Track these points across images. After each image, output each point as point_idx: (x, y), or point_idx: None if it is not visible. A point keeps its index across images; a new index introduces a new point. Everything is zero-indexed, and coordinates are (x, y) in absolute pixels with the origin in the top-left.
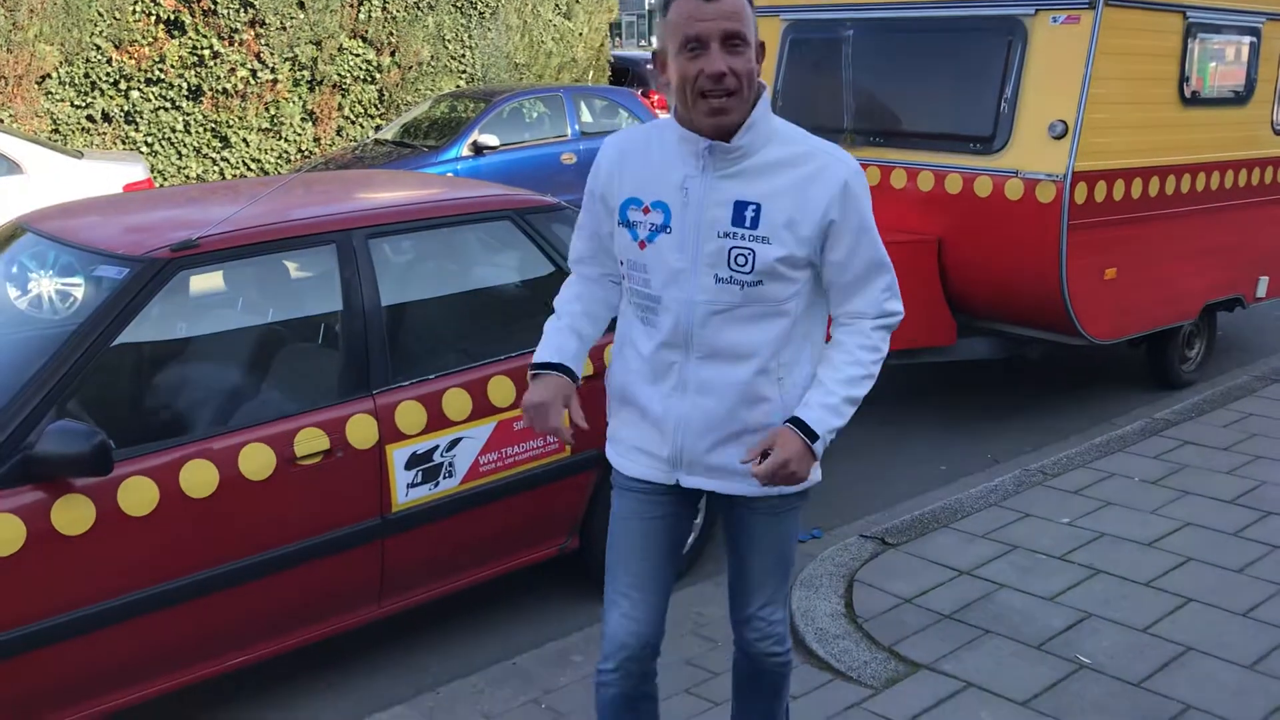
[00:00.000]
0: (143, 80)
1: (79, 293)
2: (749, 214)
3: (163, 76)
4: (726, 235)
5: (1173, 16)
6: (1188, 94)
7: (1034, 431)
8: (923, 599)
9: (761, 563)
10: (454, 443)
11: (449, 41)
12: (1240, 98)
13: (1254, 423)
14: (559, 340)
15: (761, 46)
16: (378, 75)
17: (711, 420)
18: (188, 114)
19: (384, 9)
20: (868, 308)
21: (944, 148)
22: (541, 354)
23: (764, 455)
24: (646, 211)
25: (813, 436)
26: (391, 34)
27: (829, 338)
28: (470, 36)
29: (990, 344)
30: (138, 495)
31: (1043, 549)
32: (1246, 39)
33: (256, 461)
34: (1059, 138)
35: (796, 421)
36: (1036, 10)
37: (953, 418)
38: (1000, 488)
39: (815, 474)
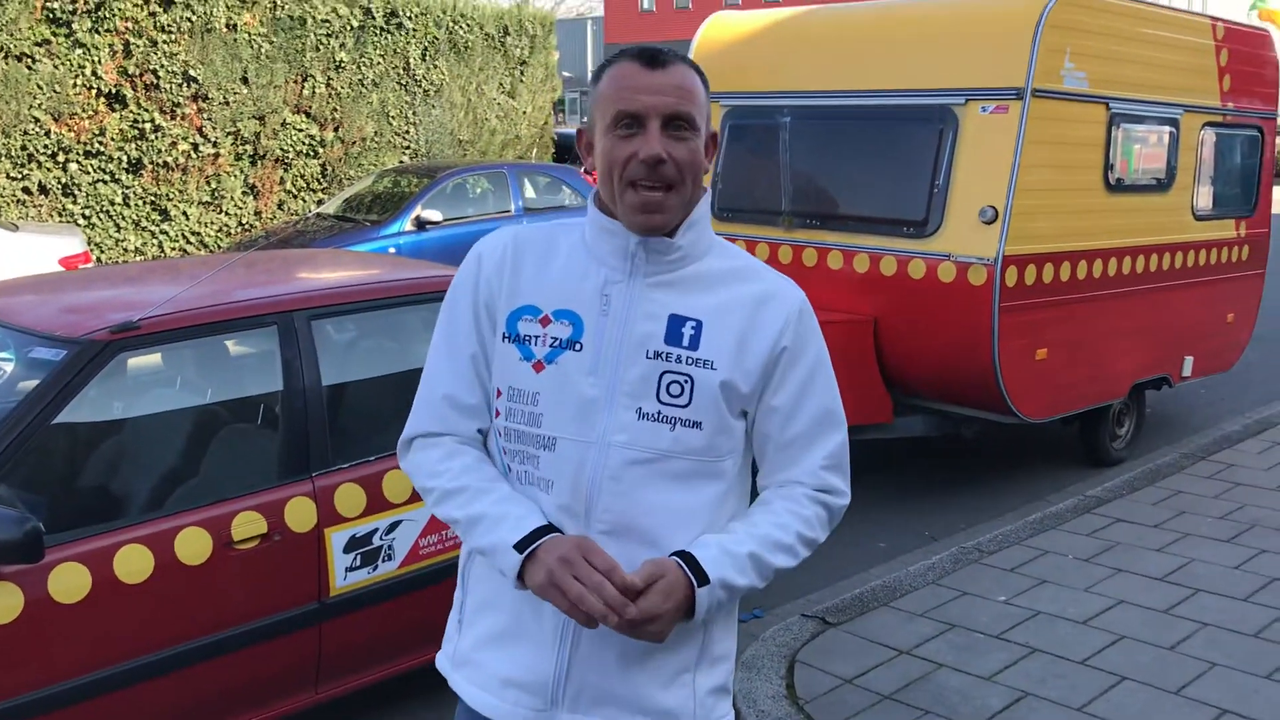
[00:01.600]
0: (81, 153)
1: (9, 367)
2: (687, 331)
3: (102, 149)
4: (658, 356)
5: (1097, 107)
6: (1112, 181)
7: (970, 508)
8: (863, 679)
9: None
10: (394, 525)
11: (393, 118)
12: (1162, 185)
13: (1182, 500)
14: (521, 504)
15: (713, 138)
16: (321, 150)
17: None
18: (127, 187)
19: (328, 85)
20: (807, 478)
21: (879, 231)
22: (520, 525)
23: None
24: (546, 323)
25: (701, 578)
26: (335, 110)
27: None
28: (414, 113)
29: (926, 422)
30: (69, 582)
31: (980, 627)
32: (1166, 129)
33: (193, 546)
34: (989, 223)
35: (686, 558)
36: (967, 100)
37: (892, 495)
38: (938, 565)
39: (724, 717)
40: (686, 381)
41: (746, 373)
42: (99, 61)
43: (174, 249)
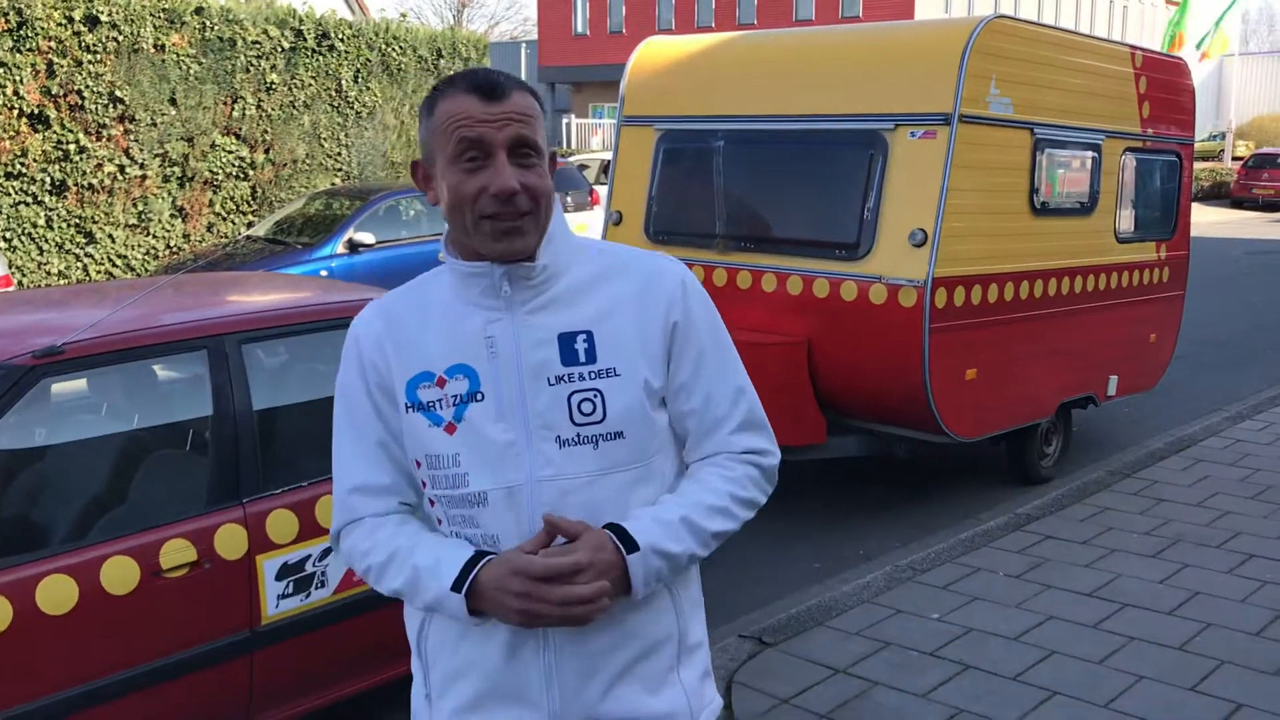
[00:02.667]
0: (2, 174)
1: None
2: (580, 346)
3: (24, 170)
4: (561, 380)
5: (1021, 132)
6: (1038, 204)
7: (904, 526)
8: (800, 699)
9: None
10: (327, 552)
11: (324, 140)
12: (1085, 208)
13: (1109, 517)
14: (446, 546)
15: (553, 157)
16: (251, 172)
17: (596, 652)
18: (50, 209)
19: (258, 107)
20: (729, 445)
21: (812, 254)
22: (451, 566)
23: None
24: (443, 383)
25: (630, 545)
26: (266, 131)
27: None
28: (346, 135)
29: (860, 442)
30: None
31: (914, 645)
32: (1089, 154)
33: (120, 575)
34: (919, 245)
35: (614, 529)
36: (896, 126)
37: (826, 515)
38: (873, 584)
39: (716, 699)
40: (596, 396)
41: (653, 364)
42: (20, 81)
43: (99, 273)
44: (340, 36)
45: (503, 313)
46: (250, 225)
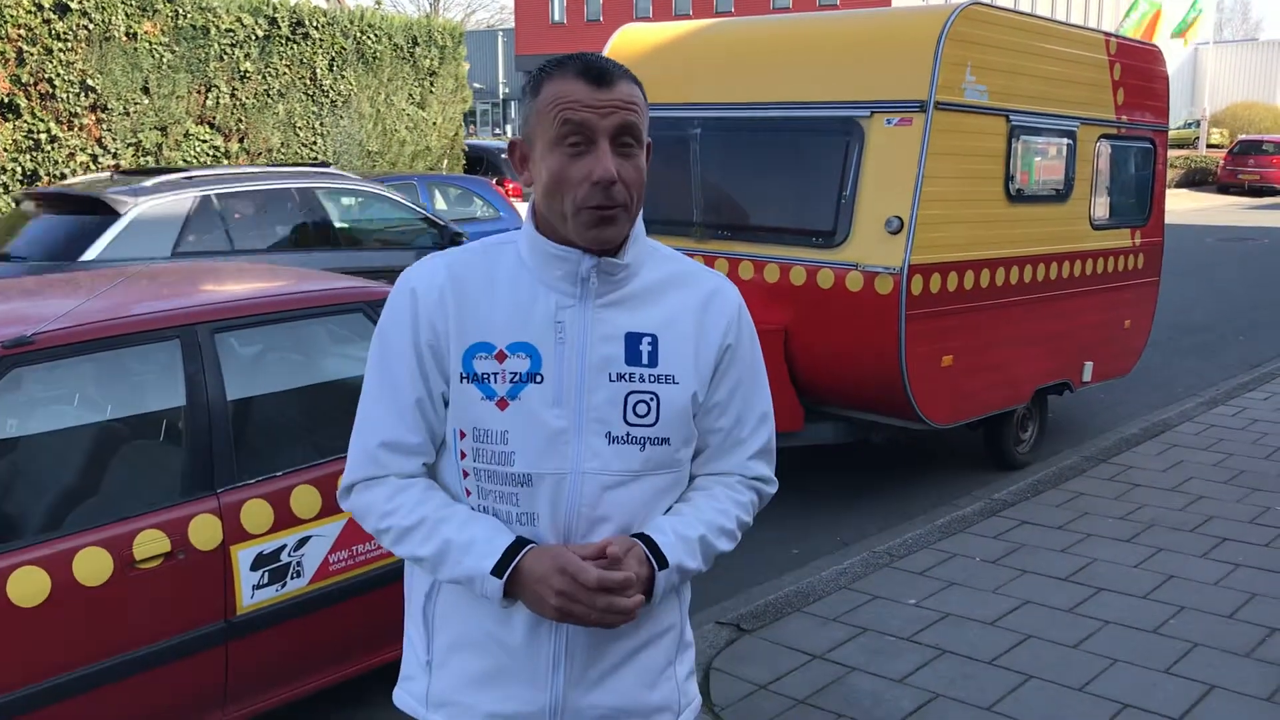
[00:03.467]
0: None
1: None
2: (645, 349)
3: None
4: (621, 378)
5: (997, 119)
6: (1013, 191)
7: (881, 513)
8: (777, 684)
9: None
10: (302, 541)
11: (300, 129)
12: (1060, 195)
13: (1084, 502)
14: (483, 524)
15: (649, 147)
16: (225, 161)
17: (604, 639)
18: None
19: (232, 96)
20: (743, 469)
21: (788, 241)
22: (490, 548)
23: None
24: (502, 358)
25: (662, 562)
26: (240, 120)
27: None
28: (322, 124)
29: (836, 429)
30: None
31: (891, 630)
32: (1064, 141)
33: (92, 566)
34: (895, 233)
35: (645, 541)
36: (872, 113)
37: (803, 501)
38: (850, 570)
39: (697, 698)
40: (652, 399)
41: (702, 380)
42: None
43: None
44: (314, 24)
45: (576, 301)
46: None
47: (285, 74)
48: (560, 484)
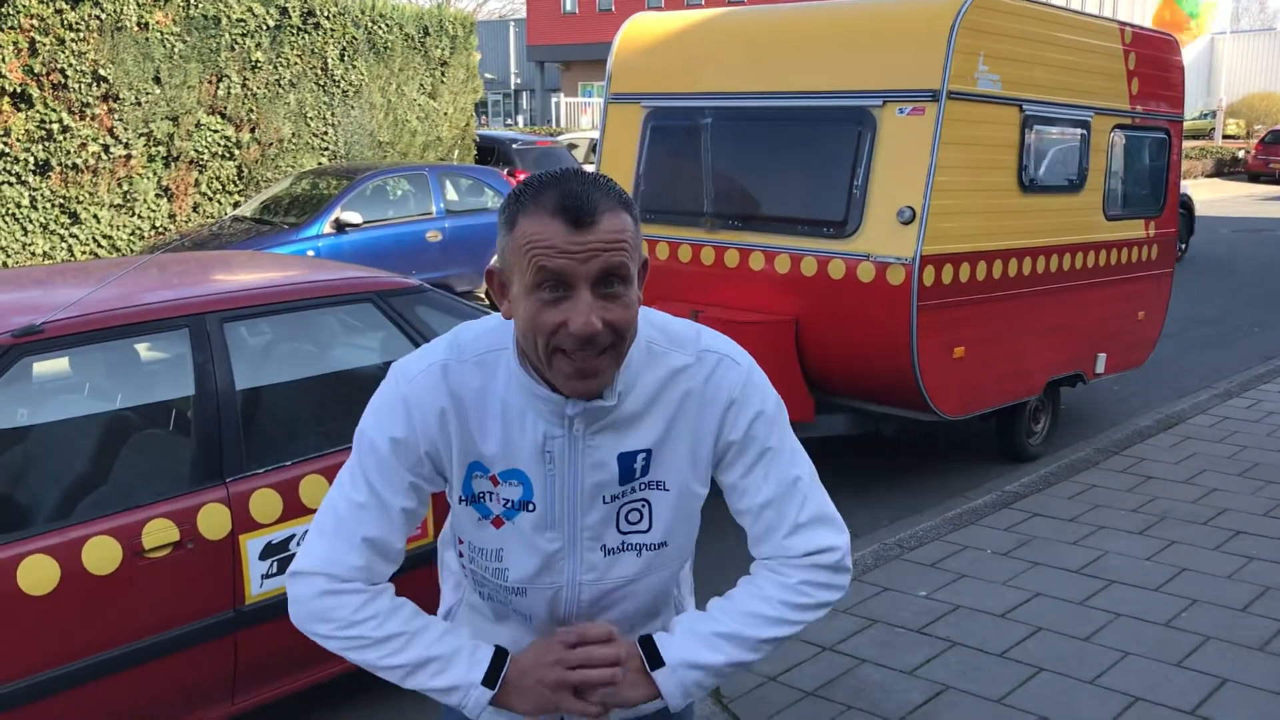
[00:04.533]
0: None
1: None
2: (639, 464)
3: (7, 150)
4: (614, 498)
5: (1010, 109)
6: (1026, 182)
7: (891, 505)
8: (786, 676)
9: None
10: None
11: (311, 119)
12: (1074, 185)
13: (1096, 494)
14: (462, 637)
15: (644, 266)
16: (237, 152)
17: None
18: (34, 189)
19: (244, 86)
20: (789, 550)
21: (800, 232)
22: (475, 659)
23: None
24: (496, 483)
25: (655, 661)
26: (251, 110)
27: None
28: (333, 114)
29: (847, 420)
30: None
31: (901, 622)
32: (1078, 131)
33: (102, 555)
34: (907, 223)
35: (644, 642)
36: (884, 103)
37: None
38: (860, 562)
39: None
40: (644, 506)
41: (700, 475)
42: (2, 60)
43: (84, 253)
44: (325, 14)
45: (564, 432)
46: (236, 205)
47: (296, 64)
48: (557, 594)
